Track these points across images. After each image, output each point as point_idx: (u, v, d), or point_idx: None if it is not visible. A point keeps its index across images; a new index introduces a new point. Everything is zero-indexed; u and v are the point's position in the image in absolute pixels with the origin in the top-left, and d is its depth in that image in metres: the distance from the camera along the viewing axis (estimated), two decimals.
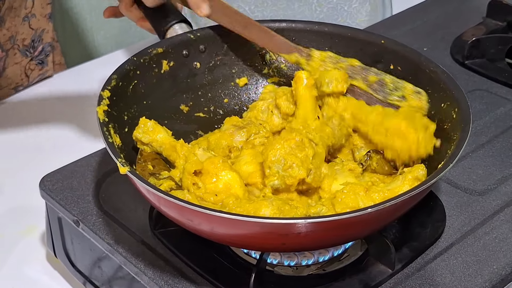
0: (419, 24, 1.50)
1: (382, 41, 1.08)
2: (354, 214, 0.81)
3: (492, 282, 0.92)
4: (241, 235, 0.86)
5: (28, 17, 1.42)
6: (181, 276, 0.93)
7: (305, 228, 0.81)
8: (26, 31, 1.43)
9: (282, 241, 0.84)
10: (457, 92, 0.98)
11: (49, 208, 1.07)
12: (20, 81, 1.47)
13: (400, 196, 0.83)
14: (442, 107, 0.99)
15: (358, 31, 1.13)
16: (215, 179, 0.93)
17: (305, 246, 0.88)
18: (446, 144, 0.94)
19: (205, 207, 0.83)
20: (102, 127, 0.94)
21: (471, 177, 1.09)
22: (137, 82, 1.04)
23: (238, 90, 1.15)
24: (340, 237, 0.87)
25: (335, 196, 0.90)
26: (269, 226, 0.82)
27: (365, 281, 0.92)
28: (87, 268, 1.06)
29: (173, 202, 0.83)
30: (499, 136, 1.18)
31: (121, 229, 1.00)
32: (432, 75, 1.02)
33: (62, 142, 1.34)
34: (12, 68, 1.45)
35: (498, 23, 1.47)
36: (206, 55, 1.12)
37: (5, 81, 1.45)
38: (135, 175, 0.87)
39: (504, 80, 1.31)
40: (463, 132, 0.92)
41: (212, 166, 0.93)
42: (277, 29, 1.12)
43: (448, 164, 0.87)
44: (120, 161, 0.88)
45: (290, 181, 0.91)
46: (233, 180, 0.93)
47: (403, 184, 0.91)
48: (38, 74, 1.50)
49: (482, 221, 1.01)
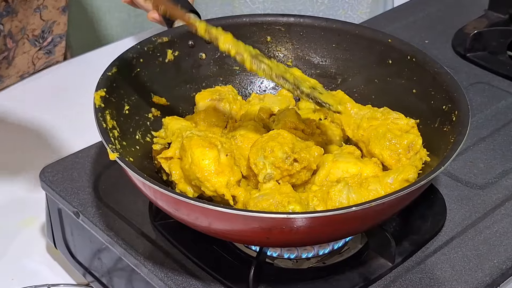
0: (420, 16, 1.50)
1: (389, 40, 1.08)
2: (337, 212, 0.81)
3: (492, 276, 0.92)
4: (225, 227, 0.86)
5: (40, 8, 1.42)
6: (180, 268, 0.93)
7: (287, 223, 0.81)
8: (37, 22, 1.44)
9: (266, 236, 0.83)
10: (458, 94, 0.97)
11: (49, 199, 1.07)
12: (27, 69, 1.48)
13: (383, 198, 0.83)
14: (444, 109, 0.98)
15: (366, 29, 1.12)
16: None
17: (290, 241, 0.87)
18: (445, 146, 0.93)
19: (181, 195, 0.83)
20: (96, 112, 0.93)
21: (472, 171, 1.09)
22: (140, 70, 1.04)
23: (243, 83, 1.14)
24: (326, 234, 0.87)
25: (328, 192, 0.90)
26: (251, 220, 0.81)
27: (365, 275, 0.92)
28: (87, 260, 1.05)
29: (151, 186, 0.84)
30: (501, 130, 1.17)
31: (121, 220, 1.00)
32: (436, 76, 1.01)
33: (63, 133, 1.34)
34: (20, 57, 1.45)
35: (500, 15, 1.46)
36: (212, 46, 1.11)
37: (13, 70, 1.45)
38: (123, 161, 0.87)
39: (505, 73, 1.30)
40: (459, 135, 0.91)
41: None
42: (285, 23, 1.12)
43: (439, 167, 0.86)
44: (110, 147, 0.88)
45: (278, 163, 0.91)
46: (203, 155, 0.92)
47: (394, 183, 0.91)
48: (45, 62, 1.50)
49: (483, 215, 1.01)
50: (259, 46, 1.13)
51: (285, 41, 1.14)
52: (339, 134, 1.04)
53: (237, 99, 1.09)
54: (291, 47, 1.14)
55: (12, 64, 1.44)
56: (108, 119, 0.95)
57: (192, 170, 0.91)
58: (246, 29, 1.12)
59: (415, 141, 0.97)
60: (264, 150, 0.92)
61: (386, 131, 0.98)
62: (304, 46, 1.14)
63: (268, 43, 1.14)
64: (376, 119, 1.00)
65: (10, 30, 1.39)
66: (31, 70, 1.49)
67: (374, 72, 1.10)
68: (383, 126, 0.99)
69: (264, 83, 1.15)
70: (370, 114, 1.02)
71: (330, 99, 0.94)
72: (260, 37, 1.13)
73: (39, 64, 1.49)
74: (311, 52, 1.14)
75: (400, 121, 0.99)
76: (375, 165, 0.96)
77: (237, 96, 1.09)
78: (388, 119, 1.00)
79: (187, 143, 0.92)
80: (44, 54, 1.49)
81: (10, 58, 1.43)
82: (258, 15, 1.15)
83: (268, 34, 1.13)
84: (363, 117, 1.02)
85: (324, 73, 1.13)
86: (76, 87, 1.46)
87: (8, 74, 1.45)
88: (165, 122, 1.03)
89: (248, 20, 1.13)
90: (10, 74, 1.46)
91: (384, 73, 1.08)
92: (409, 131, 0.99)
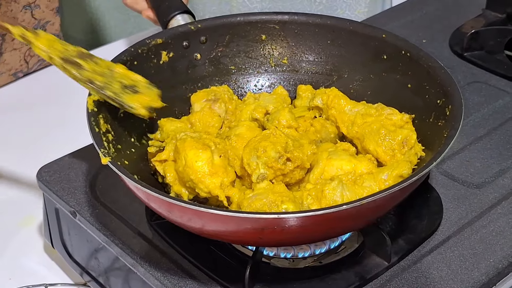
0: (418, 16, 1.50)
1: (383, 35, 1.08)
2: (329, 211, 0.81)
3: (488, 275, 0.92)
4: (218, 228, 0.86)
5: (31, 6, 1.42)
6: (177, 267, 0.93)
7: (279, 222, 0.81)
8: (28, 19, 1.43)
9: (258, 236, 0.83)
10: (452, 89, 0.97)
11: (47, 199, 1.07)
12: (20, 67, 1.48)
13: (375, 195, 0.83)
14: (438, 103, 0.98)
15: (360, 24, 1.12)
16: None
17: (284, 241, 0.88)
18: (439, 141, 0.93)
19: (173, 198, 0.84)
20: (89, 117, 0.93)
21: (468, 170, 1.09)
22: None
23: (239, 82, 1.14)
24: (319, 233, 0.87)
25: (322, 190, 0.90)
26: (243, 220, 0.82)
27: (361, 274, 0.92)
28: (84, 259, 1.06)
29: (143, 190, 0.84)
30: (498, 129, 1.17)
31: (118, 220, 1.00)
32: (430, 71, 1.02)
33: (60, 133, 1.34)
34: (10, 54, 1.45)
35: (498, 15, 1.46)
36: (206, 46, 1.12)
37: (3, 67, 1.45)
38: (115, 166, 0.87)
39: (503, 73, 1.30)
40: (452, 130, 0.91)
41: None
42: (279, 21, 1.12)
43: (432, 162, 0.86)
44: (102, 151, 0.88)
45: (271, 163, 0.91)
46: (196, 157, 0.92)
47: (388, 179, 0.91)
48: (38, 60, 1.50)
49: (479, 214, 1.01)
50: (254, 44, 1.14)
51: (280, 39, 1.14)
52: (333, 131, 1.04)
53: (233, 99, 1.09)
54: (286, 45, 1.14)
55: (1, 61, 1.44)
56: (102, 123, 0.95)
57: (186, 172, 0.91)
58: (240, 28, 1.12)
59: (409, 136, 0.97)
60: (256, 150, 0.92)
61: (380, 127, 0.98)
62: (299, 43, 1.14)
63: (263, 41, 1.14)
64: (370, 115, 1.01)
65: None
66: (25, 68, 1.48)
67: (369, 67, 1.10)
68: (377, 122, 0.99)
69: (260, 81, 1.15)
70: (364, 110, 1.02)
71: (137, 101, 0.95)
72: (255, 35, 1.13)
73: (32, 62, 1.49)
74: (306, 50, 1.14)
75: (394, 117, 1.00)
76: (369, 161, 0.96)
77: (233, 96, 1.09)
78: (382, 115, 1.00)
79: (180, 145, 0.92)
80: None
81: None
82: (252, 13, 1.15)
83: (263, 33, 1.13)
84: (357, 114, 1.02)
85: (319, 70, 1.13)
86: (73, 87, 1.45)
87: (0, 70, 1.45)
88: (161, 124, 1.03)
89: (243, 19, 1.13)
90: (2, 71, 1.45)
91: (379, 69, 1.09)
92: (403, 127, 0.99)
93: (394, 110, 1.01)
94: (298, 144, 0.94)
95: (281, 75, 1.15)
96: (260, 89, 1.14)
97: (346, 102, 1.04)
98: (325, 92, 1.05)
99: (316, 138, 1.02)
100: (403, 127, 0.99)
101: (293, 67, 1.14)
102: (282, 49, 1.14)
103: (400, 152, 0.96)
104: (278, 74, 1.15)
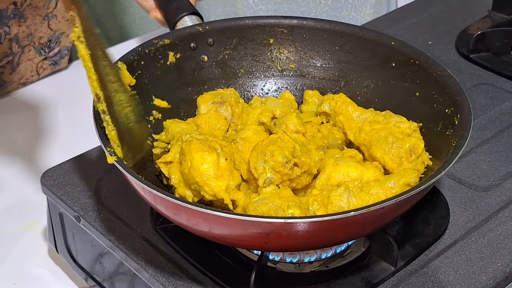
0: (424, 17, 1.49)
1: (392, 43, 1.07)
2: (336, 217, 0.80)
3: (496, 279, 0.91)
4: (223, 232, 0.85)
5: (49, 16, 1.42)
6: (182, 272, 0.92)
7: (285, 227, 0.80)
8: (44, 30, 1.43)
9: (264, 240, 0.83)
10: (461, 98, 0.96)
11: (51, 203, 1.07)
12: (30, 78, 1.48)
13: (382, 202, 0.82)
14: (446, 112, 0.97)
15: (369, 31, 1.11)
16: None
17: (290, 246, 0.87)
18: (447, 150, 0.92)
19: (179, 199, 0.83)
20: (95, 115, 0.93)
21: (475, 173, 1.08)
22: (141, 73, 1.03)
23: (245, 85, 1.14)
24: (325, 239, 0.86)
25: (329, 196, 0.89)
26: (249, 224, 0.81)
27: (367, 279, 0.92)
28: (89, 264, 1.05)
29: (149, 191, 0.83)
30: (504, 131, 1.17)
31: (123, 225, 0.99)
32: (439, 79, 1.00)
33: (64, 138, 1.34)
34: (24, 64, 1.45)
35: (504, 16, 1.45)
36: (214, 48, 1.11)
37: (16, 76, 1.45)
38: (121, 165, 0.86)
39: (509, 74, 1.30)
40: (461, 139, 0.90)
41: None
42: (287, 25, 1.12)
43: (440, 171, 0.85)
44: (108, 150, 0.88)
45: (278, 167, 0.91)
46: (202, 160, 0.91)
47: (395, 187, 0.91)
48: (50, 72, 1.50)
49: (486, 217, 1.00)
50: (262, 48, 1.13)
51: (288, 43, 1.13)
52: (340, 137, 1.03)
53: (239, 102, 1.08)
54: (293, 50, 1.13)
55: (16, 70, 1.44)
56: (110, 122, 0.94)
57: (191, 175, 0.90)
58: (248, 31, 1.12)
59: (417, 145, 0.96)
60: (264, 154, 0.91)
61: (388, 135, 0.97)
62: (307, 48, 1.13)
63: (271, 45, 1.13)
64: (378, 123, 1.00)
65: (17, 34, 1.39)
66: (35, 79, 1.48)
67: (377, 74, 1.09)
68: (385, 130, 0.98)
69: (267, 85, 1.14)
70: (372, 117, 1.01)
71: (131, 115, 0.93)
72: (262, 39, 1.13)
73: (43, 74, 1.49)
74: (314, 55, 1.13)
75: (402, 125, 0.99)
76: (376, 169, 0.95)
77: (239, 99, 1.09)
78: (390, 122, 0.99)
79: (186, 147, 0.92)
80: (50, 65, 1.49)
81: (15, 63, 1.43)
82: (260, 17, 1.15)
83: (271, 36, 1.13)
84: (365, 121, 1.01)
85: (327, 75, 1.13)
86: (78, 90, 1.45)
87: (11, 80, 1.45)
88: (166, 125, 1.03)
89: (251, 22, 1.12)
90: (13, 80, 1.45)
91: (387, 76, 1.08)
92: (411, 135, 0.98)
93: (402, 118, 1.00)
94: (305, 149, 0.93)
95: (288, 80, 1.14)
96: (266, 93, 1.14)
97: (354, 108, 1.03)
98: (333, 98, 1.04)
99: (323, 144, 1.01)
100: (411, 135, 0.98)
101: (300, 72, 1.13)
102: (289, 54, 1.13)
103: (408, 160, 0.96)
104: (285, 79, 1.14)
